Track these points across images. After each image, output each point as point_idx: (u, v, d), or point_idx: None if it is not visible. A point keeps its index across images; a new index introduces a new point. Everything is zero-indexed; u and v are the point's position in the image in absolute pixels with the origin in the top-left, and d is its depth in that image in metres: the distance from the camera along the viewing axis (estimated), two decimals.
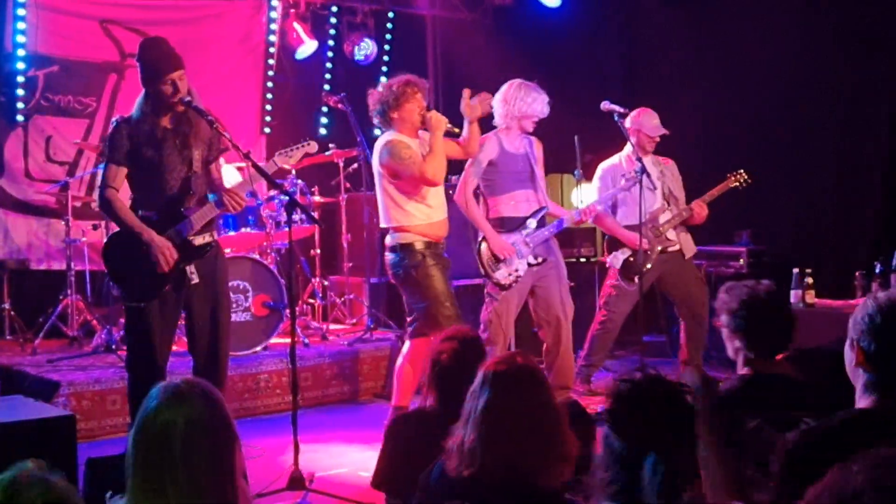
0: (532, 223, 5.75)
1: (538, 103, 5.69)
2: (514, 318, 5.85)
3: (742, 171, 6.19)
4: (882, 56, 6.69)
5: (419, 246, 5.30)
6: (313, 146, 5.00)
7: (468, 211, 5.74)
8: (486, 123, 5.76)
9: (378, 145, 5.36)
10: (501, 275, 5.66)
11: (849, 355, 2.43)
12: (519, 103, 5.67)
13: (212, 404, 2.13)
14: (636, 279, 5.98)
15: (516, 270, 5.66)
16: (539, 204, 5.83)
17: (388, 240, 5.42)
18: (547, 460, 2.40)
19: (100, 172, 4.75)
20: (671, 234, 6.21)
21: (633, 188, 5.81)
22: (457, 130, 5.42)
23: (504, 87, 5.75)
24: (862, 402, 2.40)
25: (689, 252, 6.32)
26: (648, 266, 6.02)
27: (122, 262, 4.59)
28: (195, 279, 4.60)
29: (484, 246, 5.68)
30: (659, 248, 6.13)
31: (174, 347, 4.91)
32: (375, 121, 5.46)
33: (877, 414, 2.35)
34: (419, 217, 5.32)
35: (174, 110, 4.53)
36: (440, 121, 5.26)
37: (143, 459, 2.07)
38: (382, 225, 5.47)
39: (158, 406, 2.10)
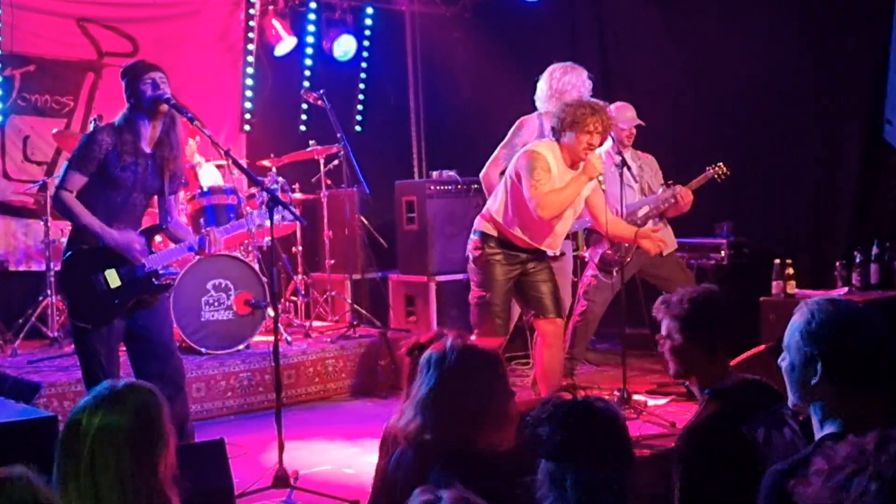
0: None
1: (575, 76, 5.68)
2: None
3: (721, 163, 6.21)
4: (859, 46, 6.73)
5: (493, 242, 5.13)
6: None
7: (489, 191, 5.64)
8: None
9: (527, 146, 5.17)
10: None
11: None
12: (554, 81, 5.69)
13: (142, 412, 2.20)
14: (615, 272, 6.01)
15: None
16: None
17: (476, 221, 5.27)
18: (489, 432, 2.58)
19: (60, 171, 4.47)
20: (650, 227, 6.21)
21: (612, 181, 5.82)
22: (603, 188, 5.45)
23: (544, 75, 5.78)
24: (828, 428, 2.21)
25: (668, 247, 6.31)
26: (628, 259, 6.03)
27: (76, 285, 4.40)
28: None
29: None
30: None
31: None
32: (551, 122, 5.24)
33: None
34: (513, 229, 5.12)
35: (159, 118, 4.39)
36: (594, 170, 5.04)
37: (62, 456, 2.15)
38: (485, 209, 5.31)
39: (83, 407, 2.20)
